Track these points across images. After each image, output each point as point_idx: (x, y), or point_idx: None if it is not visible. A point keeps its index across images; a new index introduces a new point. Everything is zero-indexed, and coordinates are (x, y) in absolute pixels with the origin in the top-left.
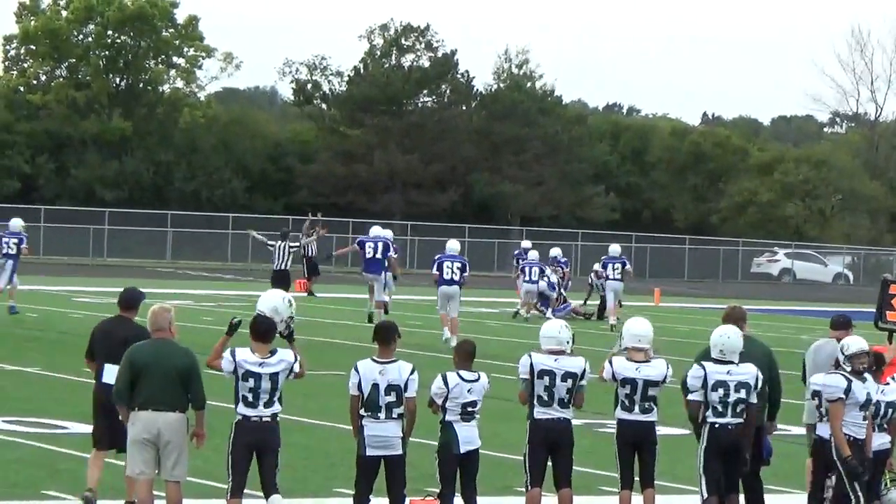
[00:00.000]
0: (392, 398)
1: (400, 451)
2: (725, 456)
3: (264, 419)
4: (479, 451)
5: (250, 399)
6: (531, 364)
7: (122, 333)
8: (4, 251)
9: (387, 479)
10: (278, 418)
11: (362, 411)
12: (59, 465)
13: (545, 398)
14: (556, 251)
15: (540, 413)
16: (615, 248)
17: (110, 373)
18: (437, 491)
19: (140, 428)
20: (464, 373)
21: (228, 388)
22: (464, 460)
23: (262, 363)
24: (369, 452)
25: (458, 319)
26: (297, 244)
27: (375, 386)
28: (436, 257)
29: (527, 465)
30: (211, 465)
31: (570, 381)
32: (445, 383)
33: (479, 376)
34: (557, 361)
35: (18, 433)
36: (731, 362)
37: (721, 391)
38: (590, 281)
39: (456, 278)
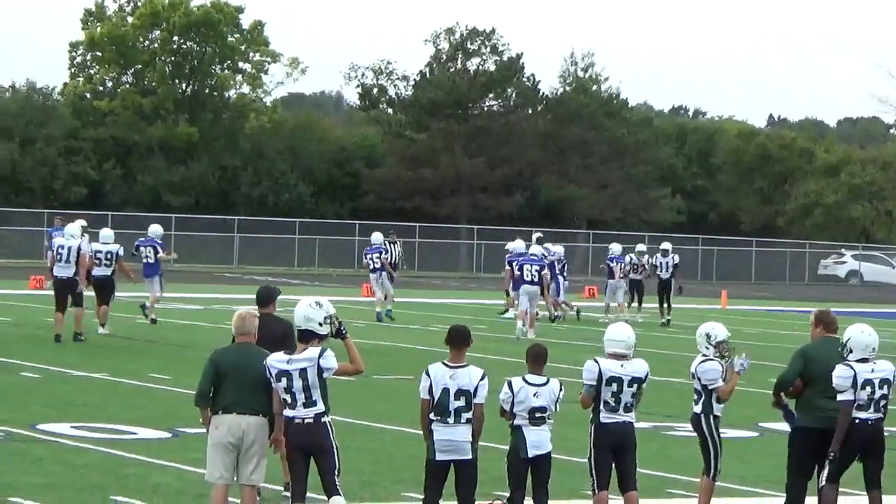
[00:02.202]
0: (462, 403)
1: (469, 456)
2: (867, 451)
3: (307, 420)
4: (550, 455)
5: (289, 400)
6: (600, 371)
7: (278, 328)
8: (144, 259)
9: (456, 484)
10: (325, 418)
11: (432, 415)
12: (126, 470)
13: (612, 404)
14: (557, 248)
15: (606, 417)
16: (616, 248)
17: None
18: (507, 495)
19: (224, 431)
20: (530, 377)
21: None
22: (533, 464)
23: (289, 360)
24: (439, 457)
25: (536, 314)
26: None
27: (446, 390)
28: (513, 258)
29: (593, 468)
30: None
31: (635, 386)
32: (511, 388)
33: (547, 381)
34: (624, 367)
35: (86, 439)
36: (871, 360)
37: (868, 389)
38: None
39: (535, 279)
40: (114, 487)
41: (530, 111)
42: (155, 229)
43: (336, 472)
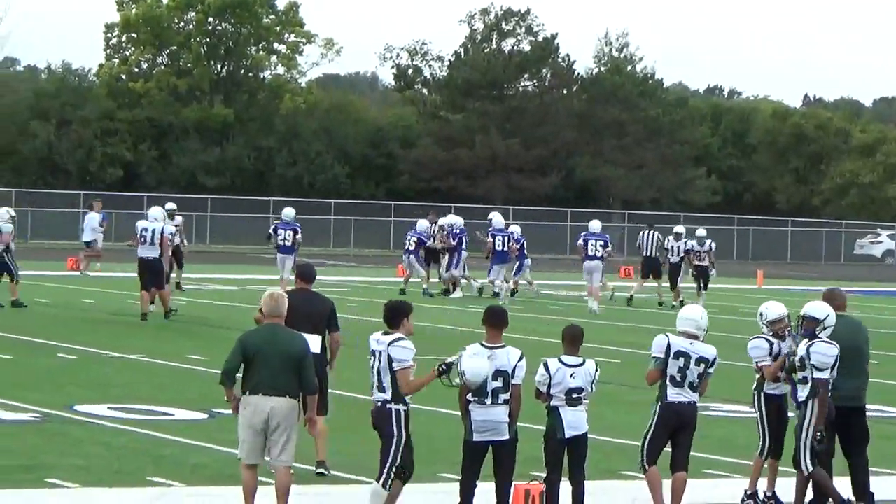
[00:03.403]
0: (499, 384)
1: (507, 437)
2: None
3: (377, 404)
4: (587, 435)
5: (371, 381)
6: (668, 344)
7: (323, 305)
8: (279, 243)
9: (494, 465)
10: (391, 405)
11: (469, 396)
12: (163, 451)
13: (678, 379)
14: (515, 227)
15: (673, 395)
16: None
17: (313, 343)
18: (544, 476)
19: (250, 412)
20: (566, 358)
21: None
22: (570, 445)
23: (379, 340)
24: (476, 438)
25: (598, 289)
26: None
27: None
28: (581, 234)
29: (646, 445)
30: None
31: (702, 366)
32: (547, 370)
33: (583, 361)
34: (693, 346)
35: (122, 420)
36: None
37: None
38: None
39: (599, 254)
40: (150, 468)
41: (565, 91)
42: (289, 212)
43: (388, 461)
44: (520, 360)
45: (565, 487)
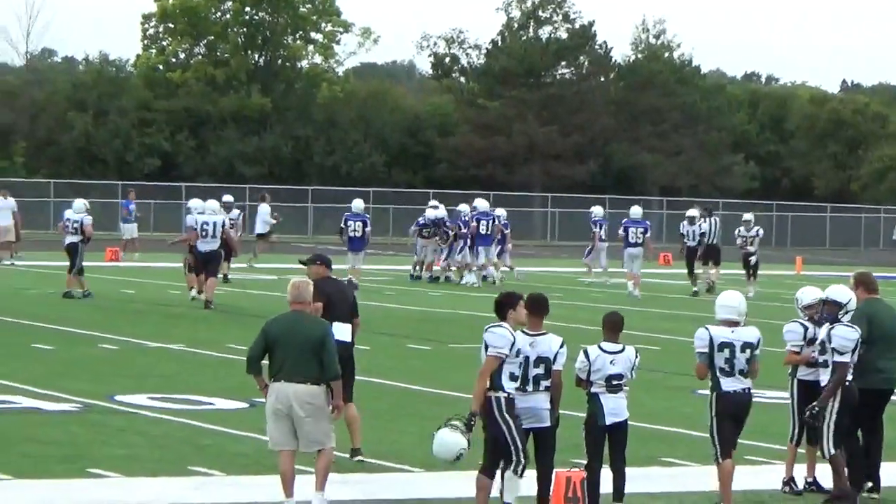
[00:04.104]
0: (541, 370)
1: (548, 423)
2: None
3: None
4: (627, 422)
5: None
6: (710, 337)
7: (351, 292)
8: (350, 234)
9: (535, 451)
10: (490, 392)
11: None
12: (203, 440)
13: (727, 369)
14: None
15: (727, 385)
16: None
17: (340, 330)
18: (584, 462)
19: (274, 399)
20: (606, 345)
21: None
22: (611, 432)
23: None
24: (525, 425)
25: (640, 275)
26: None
27: (526, 358)
28: (623, 221)
29: (716, 437)
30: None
31: (748, 352)
32: (587, 356)
33: (623, 348)
34: (735, 333)
35: (163, 410)
36: None
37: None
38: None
39: (640, 241)
40: (191, 458)
41: (602, 79)
42: (358, 204)
43: (511, 448)
44: (561, 346)
45: (606, 474)
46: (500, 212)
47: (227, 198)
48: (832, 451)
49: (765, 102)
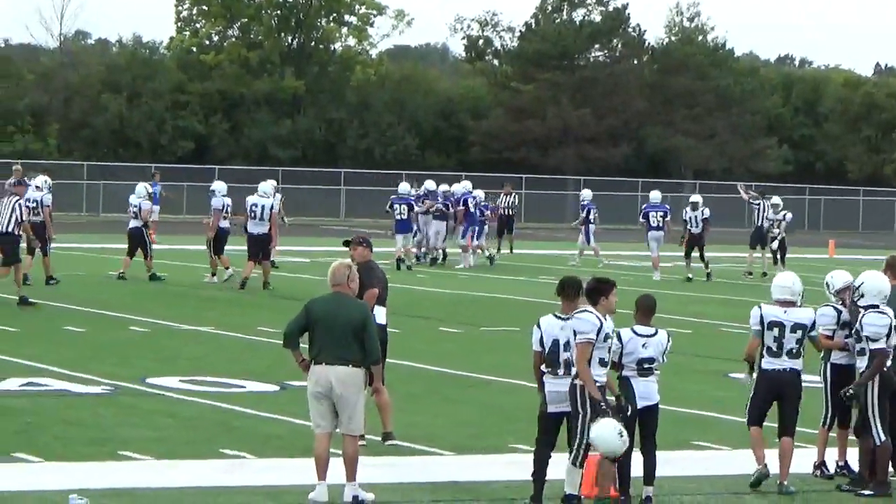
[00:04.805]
0: (568, 355)
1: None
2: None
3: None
4: (658, 406)
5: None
6: (761, 315)
7: (384, 275)
8: (396, 217)
9: (568, 435)
10: (574, 380)
11: (543, 367)
12: (234, 423)
13: (774, 348)
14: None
15: (767, 363)
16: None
17: (376, 313)
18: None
19: (314, 381)
20: (638, 328)
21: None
22: (641, 415)
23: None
24: (550, 409)
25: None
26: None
27: (556, 342)
28: (643, 206)
29: (747, 406)
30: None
31: (799, 332)
32: (619, 339)
33: (656, 331)
34: (787, 313)
35: (194, 392)
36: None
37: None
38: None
39: (661, 224)
40: (222, 440)
41: (636, 62)
42: (404, 187)
43: (576, 439)
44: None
45: (637, 458)
46: (479, 193)
47: (272, 182)
48: (882, 439)
49: (798, 86)
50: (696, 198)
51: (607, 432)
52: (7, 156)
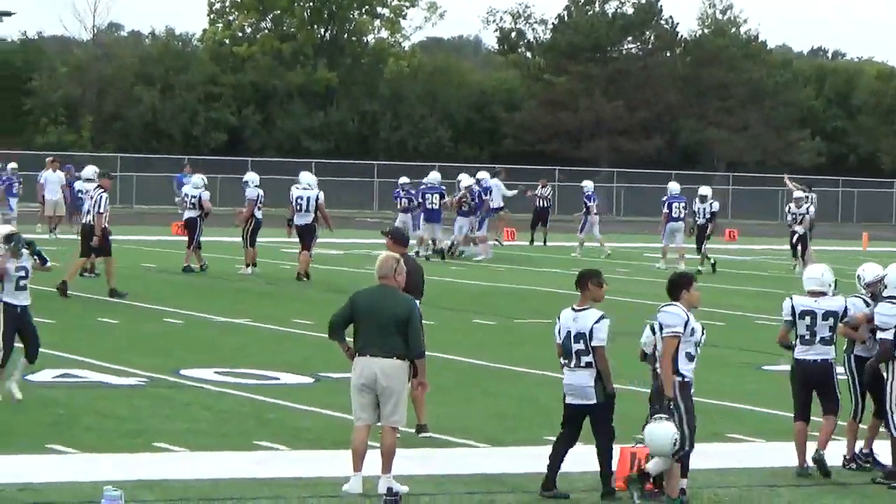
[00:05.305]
0: (581, 346)
1: (593, 400)
2: None
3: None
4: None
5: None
6: (792, 306)
7: (421, 268)
8: (428, 207)
9: (591, 427)
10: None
11: (561, 359)
12: (268, 415)
13: (807, 337)
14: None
15: (800, 353)
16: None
17: None
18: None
19: (358, 373)
20: None
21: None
22: None
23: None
24: (567, 400)
25: (684, 247)
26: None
27: (569, 333)
28: (664, 197)
29: (792, 398)
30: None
31: (831, 320)
32: (653, 332)
33: None
34: (818, 302)
35: (229, 384)
36: None
37: None
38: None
39: (681, 216)
40: (256, 432)
41: (669, 54)
42: (435, 176)
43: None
44: (597, 321)
45: None
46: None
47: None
48: None
49: (831, 78)
50: (705, 190)
51: (663, 436)
52: (41, 148)
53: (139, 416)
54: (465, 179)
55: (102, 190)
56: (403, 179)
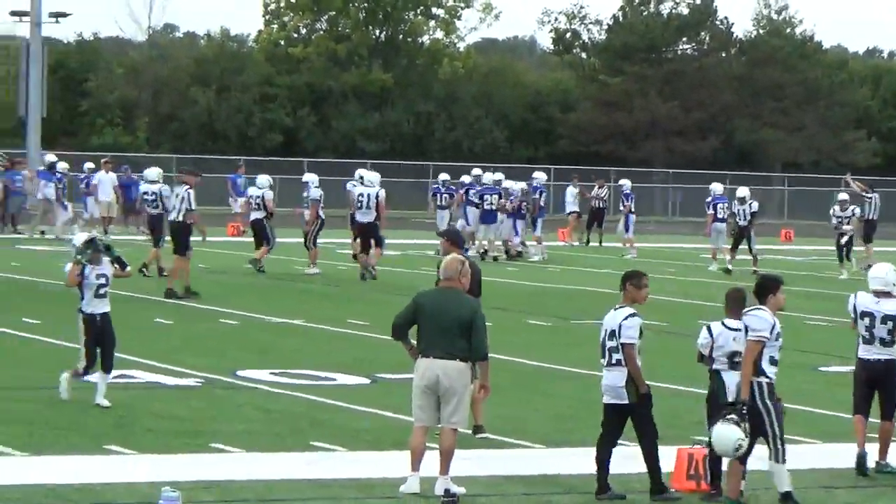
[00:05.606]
0: (613, 343)
1: (626, 400)
2: None
3: None
4: None
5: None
6: (854, 304)
7: (478, 270)
8: (486, 208)
9: (634, 429)
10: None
11: (601, 359)
12: (324, 416)
13: (867, 337)
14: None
15: (863, 352)
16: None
17: None
18: (707, 440)
19: (419, 374)
20: (729, 321)
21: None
22: None
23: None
24: (605, 400)
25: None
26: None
27: (605, 332)
28: (709, 199)
29: (852, 396)
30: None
31: (890, 324)
32: (710, 333)
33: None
34: (879, 304)
35: (284, 385)
36: None
37: None
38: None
39: (725, 216)
40: (312, 433)
41: (724, 54)
42: (493, 177)
43: (770, 438)
44: (625, 318)
45: None
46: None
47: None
48: None
49: (887, 78)
50: (744, 191)
51: (727, 439)
52: (97, 149)
53: (196, 416)
54: (509, 183)
55: (189, 186)
56: (444, 176)
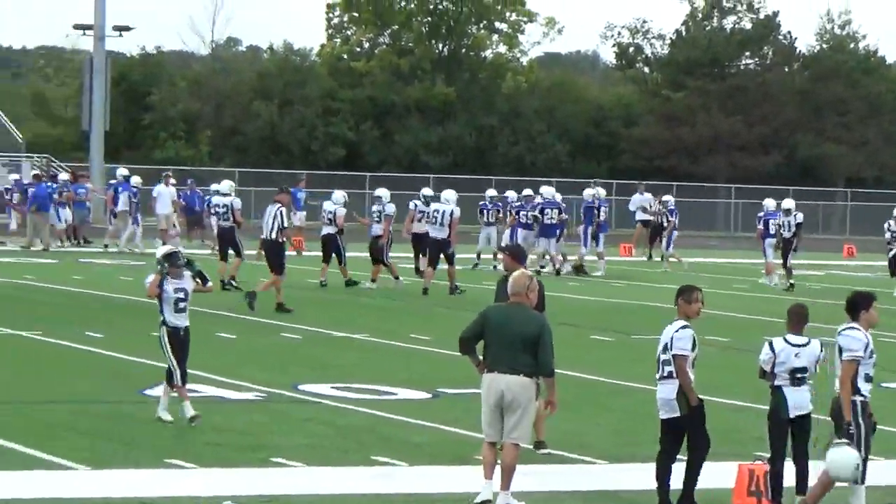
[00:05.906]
0: (666, 356)
1: (677, 413)
2: None
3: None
4: (811, 415)
5: None
6: None
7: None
8: (546, 221)
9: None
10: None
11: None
12: (387, 430)
13: None
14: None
15: None
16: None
17: None
18: (767, 455)
19: (485, 389)
20: (791, 337)
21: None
22: (794, 425)
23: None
24: (661, 415)
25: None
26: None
27: (661, 346)
28: (760, 214)
29: None
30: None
31: None
32: (772, 349)
33: (808, 341)
34: None
35: (346, 399)
36: None
37: None
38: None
39: (776, 231)
40: (375, 448)
41: (787, 69)
42: (549, 190)
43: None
44: (677, 330)
45: (789, 467)
46: (511, 194)
47: (428, 191)
48: None
49: None
50: (789, 203)
51: (846, 461)
52: (159, 162)
53: (257, 430)
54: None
55: (281, 205)
56: (491, 192)
